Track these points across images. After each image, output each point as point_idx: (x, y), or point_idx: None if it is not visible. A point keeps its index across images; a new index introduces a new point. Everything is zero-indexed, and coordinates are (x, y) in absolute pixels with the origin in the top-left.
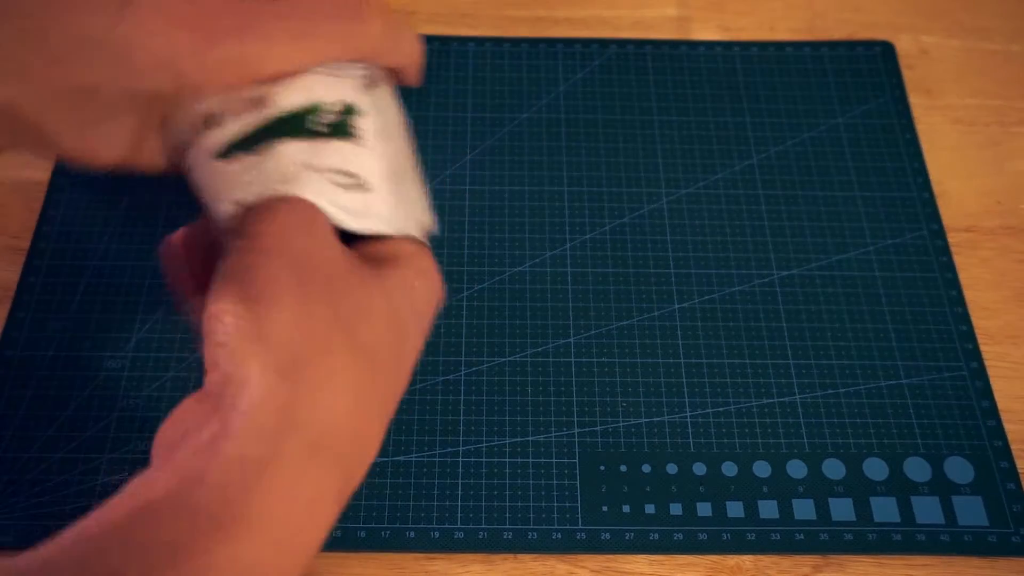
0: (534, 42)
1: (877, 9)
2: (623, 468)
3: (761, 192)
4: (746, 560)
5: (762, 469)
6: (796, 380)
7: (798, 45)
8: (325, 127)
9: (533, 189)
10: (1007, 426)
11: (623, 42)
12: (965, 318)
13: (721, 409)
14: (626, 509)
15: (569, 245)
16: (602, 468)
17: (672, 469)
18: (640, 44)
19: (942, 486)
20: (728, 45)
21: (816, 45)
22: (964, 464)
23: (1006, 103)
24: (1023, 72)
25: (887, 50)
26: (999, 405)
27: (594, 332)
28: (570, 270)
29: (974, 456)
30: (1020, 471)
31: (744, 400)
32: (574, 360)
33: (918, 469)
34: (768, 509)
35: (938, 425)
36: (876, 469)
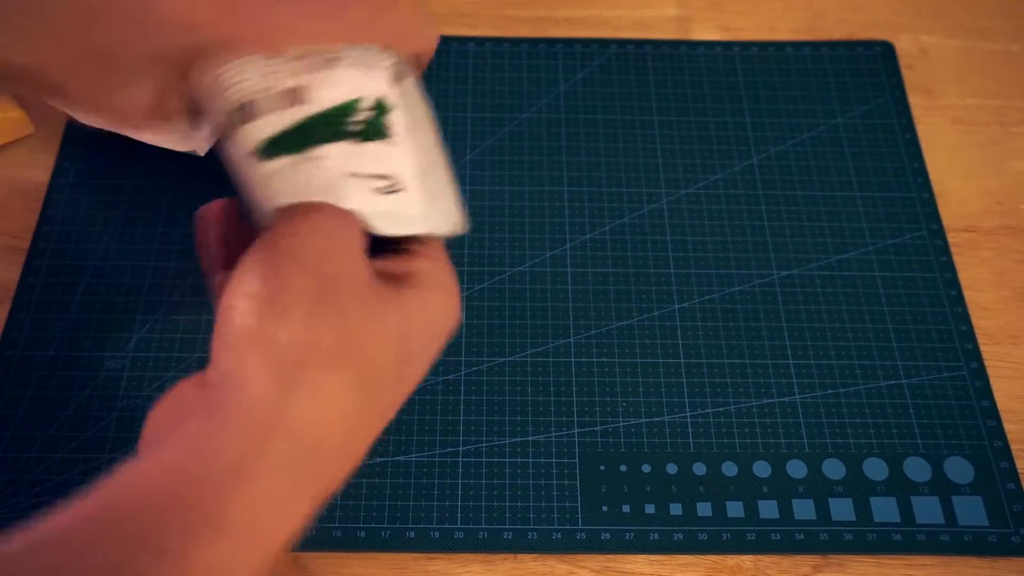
0: (534, 42)
1: (877, 9)
2: (623, 468)
3: (761, 192)
4: (746, 560)
5: (762, 469)
6: (796, 380)
7: (798, 45)
8: (361, 126)
9: (533, 189)
10: (1007, 426)
11: (623, 42)
12: (965, 318)
13: (721, 409)
14: (626, 509)
15: (569, 245)
16: (602, 468)
17: (672, 469)
18: (640, 44)
19: (942, 486)
20: (728, 45)
21: (816, 45)
22: (964, 464)
23: (1006, 103)
24: (1023, 72)
25: (887, 50)
26: (999, 405)
27: (594, 332)
28: (570, 270)
29: (974, 456)
30: (1020, 471)
31: (744, 400)
32: (574, 360)
33: (918, 469)
34: (768, 509)
35: (938, 425)
36: (876, 469)
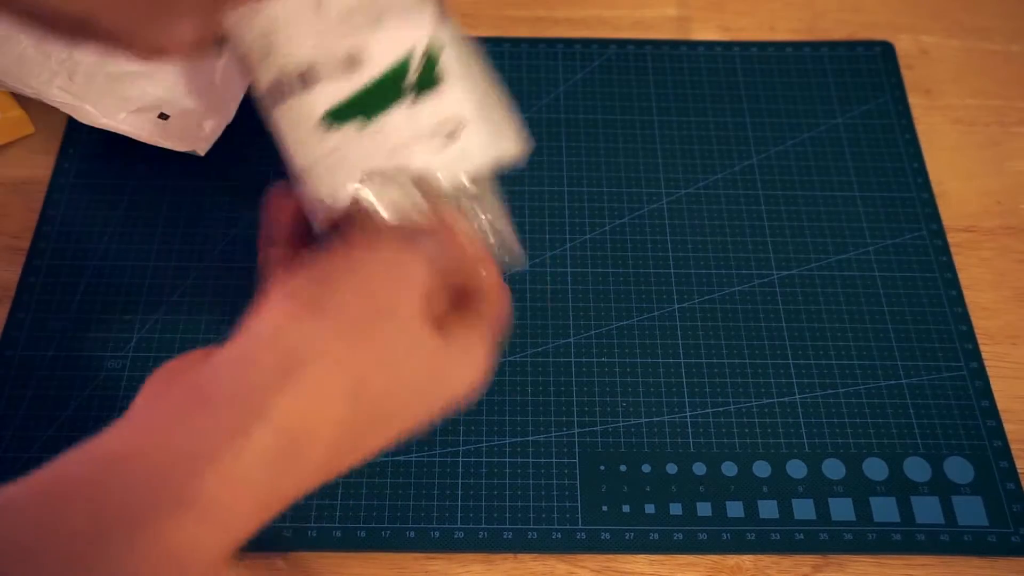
0: (534, 42)
1: (877, 9)
2: (623, 468)
3: (761, 192)
4: (746, 560)
5: (762, 469)
6: (796, 380)
7: (798, 45)
8: (416, 80)
9: (533, 189)
10: (1007, 426)
11: (623, 42)
12: (965, 318)
13: (721, 409)
14: (626, 509)
15: (569, 245)
16: (602, 468)
17: (672, 469)
18: (640, 44)
19: (942, 486)
20: (728, 45)
21: (816, 45)
22: (964, 464)
23: (1006, 103)
24: (1023, 72)
25: (887, 50)
26: (999, 405)
27: (594, 332)
28: (570, 270)
29: (974, 456)
30: (1020, 471)
31: (744, 400)
32: (574, 360)
33: (918, 469)
34: (768, 509)
35: (938, 425)
36: (876, 469)
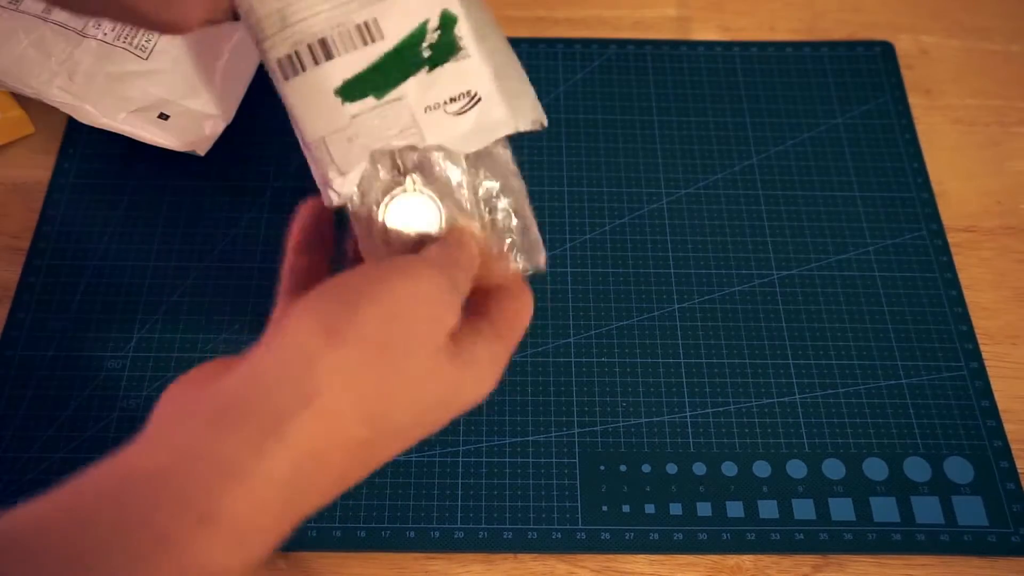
0: (534, 42)
1: (877, 9)
2: (623, 468)
3: (761, 192)
4: (746, 560)
5: (762, 469)
6: (796, 380)
7: (798, 45)
8: (431, 51)
9: (533, 189)
10: (1007, 426)
11: (623, 42)
12: (965, 318)
13: (721, 409)
14: (626, 509)
15: (569, 245)
16: (602, 468)
17: (672, 469)
18: (640, 44)
19: (942, 486)
20: (728, 45)
21: (816, 45)
22: (964, 464)
23: (1006, 103)
24: (1023, 72)
25: (887, 50)
26: (999, 405)
27: (594, 332)
28: (570, 270)
29: (974, 456)
30: (1020, 471)
31: (744, 400)
32: (574, 360)
33: (918, 469)
34: (768, 509)
35: (938, 425)
36: (876, 469)
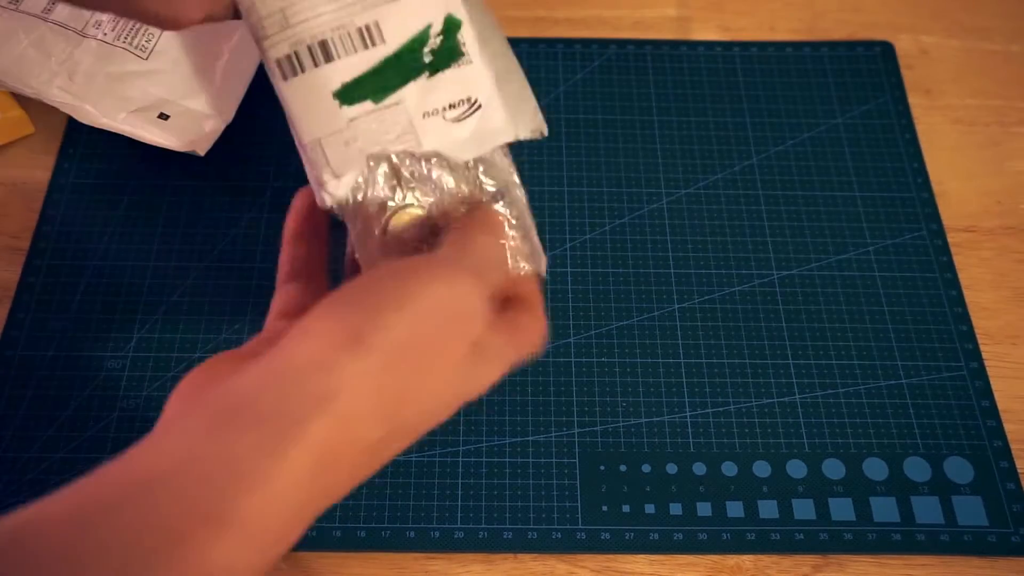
0: (534, 42)
1: (877, 9)
2: (623, 468)
3: (761, 192)
4: (746, 560)
5: (762, 469)
6: (796, 380)
7: (798, 45)
8: (432, 56)
9: (533, 189)
10: (1007, 426)
11: (623, 42)
12: (965, 318)
13: (721, 409)
14: (626, 509)
15: (569, 245)
16: (602, 468)
17: (672, 469)
18: (640, 44)
19: (942, 486)
20: (728, 45)
21: (816, 45)
22: (964, 464)
23: (1006, 103)
24: (1023, 72)
25: (887, 50)
26: (999, 405)
27: (594, 332)
28: (570, 270)
29: (974, 456)
30: (1020, 471)
31: (744, 400)
32: (574, 360)
33: (918, 469)
34: (768, 509)
35: (938, 425)
36: (876, 469)
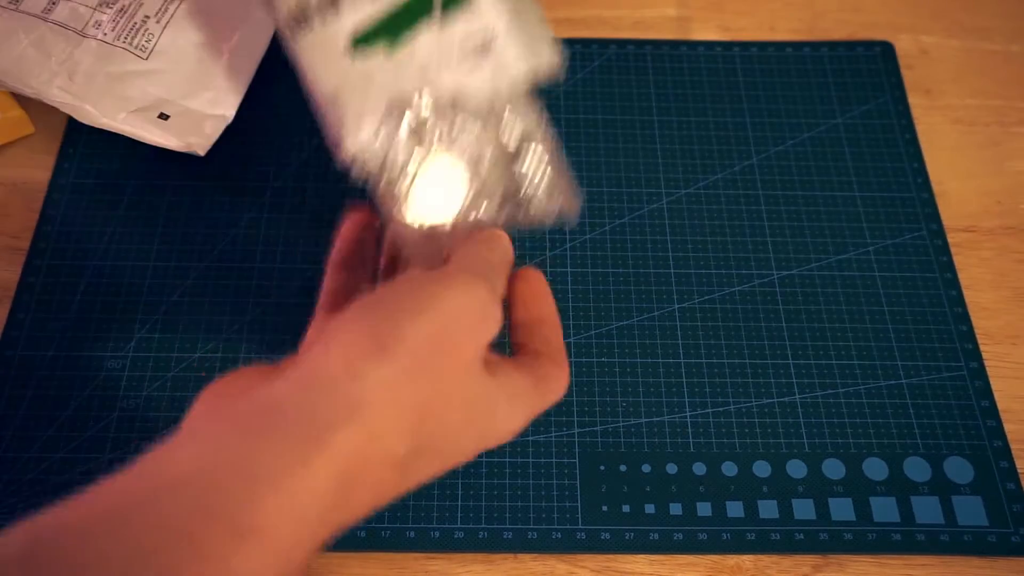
0: None
1: (877, 9)
2: (623, 468)
3: (761, 192)
4: (746, 560)
5: (762, 469)
6: (796, 380)
7: (798, 45)
8: None
9: None
10: (1007, 426)
11: (623, 42)
12: (965, 318)
13: (721, 409)
14: (626, 509)
15: (569, 245)
16: (602, 468)
17: (672, 469)
18: (640, 44)
19: (942, 486)
20: (728, 45)
21: (816, 45)
22: (964, 464)
23: (1006, 103)
24: (1023, 72)
25: (887, 50)
26: (999, 405)
27: (594, 332)
28: (570, 270)
29: (974, 456)
30: (1020, 471)
31: (744, 400)
32: (574, 360)
33: (918, 469)
34: (768, 509)
35: (938, 425)
36: (876, 469)
